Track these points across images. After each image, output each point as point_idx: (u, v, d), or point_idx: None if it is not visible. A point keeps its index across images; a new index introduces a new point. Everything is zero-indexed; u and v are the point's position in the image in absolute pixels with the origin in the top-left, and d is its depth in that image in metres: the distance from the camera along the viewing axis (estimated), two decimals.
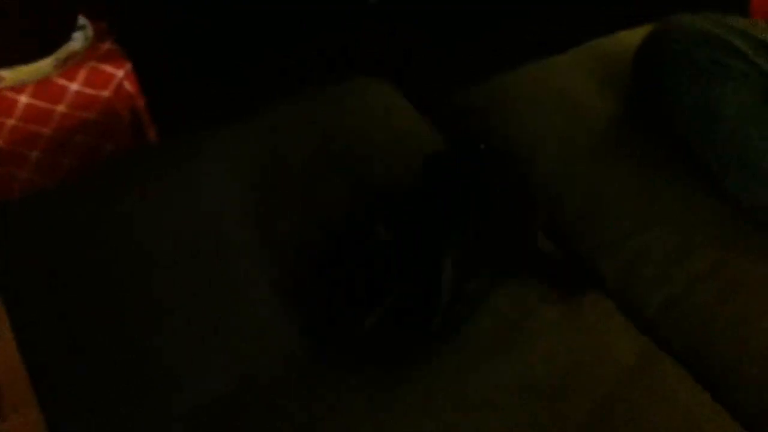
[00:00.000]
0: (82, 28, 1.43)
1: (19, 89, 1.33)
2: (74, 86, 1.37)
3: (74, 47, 1.40)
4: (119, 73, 1.40)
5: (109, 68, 1.40)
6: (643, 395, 0.92)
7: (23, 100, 1.33)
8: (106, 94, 1.40)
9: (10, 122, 1.33)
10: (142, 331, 0.96)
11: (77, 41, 1.41)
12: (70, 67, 1.37)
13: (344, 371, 0.91)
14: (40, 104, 1.35)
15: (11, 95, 1.32)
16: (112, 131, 1.45)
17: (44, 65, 1.36)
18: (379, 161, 1.19)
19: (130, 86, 1.41)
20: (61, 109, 1.37)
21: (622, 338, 0.99)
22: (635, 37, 1.30)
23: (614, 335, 0.99)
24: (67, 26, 1.41)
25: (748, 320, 0.99)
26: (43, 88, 1.34)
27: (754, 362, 0.96)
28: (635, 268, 1.06)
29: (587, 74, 1.32)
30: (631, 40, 1.32)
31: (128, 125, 1.46)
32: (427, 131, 1.28)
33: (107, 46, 1.43)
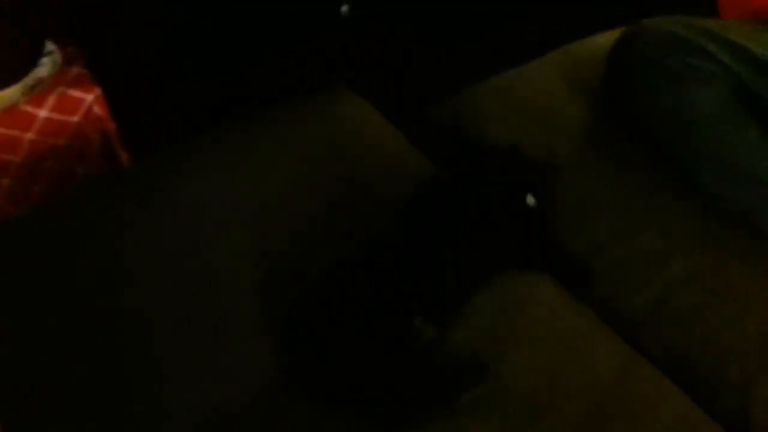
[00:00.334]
0: (49, 53, 1.41)
1: None
2: (43, 113, 1.35)
3: (42, 73, 1.38)
4: (89, 97, 1.38)
5: (78, 93, 1.38)
6: (625, 407, 0.91)
7: None
8: (75, 119, 1.38)
9: None
10: (114, 362, 0.93)
11: (45, 67, 1.39)
12: (38, 93, 1.35)
13: (319, 406, 0.89)
14: (8, 132, 1.32)
15: None
16: (83, 156, 1.43)
17: (11, 93, 1.34)
18: (357, 181, 1.16)
19: (100, 110, 1.39)
20: (30, 136, 1.35)
21: (603, 348, 0.98)
22: (606, 40, 1.29)
23: (596, 346, 0.98)
24: (34, 53, 1.39)
25: (729, 324, 0.98)
26: (11, 116, 1.32)
27: (735, 366, 0.95)
28: (615, 275, 1.06)
29: (559, 81, 1.31)
30: (602, 43, 1.31)
31: (99, 150, 1.44)
32: (402, 146, 1.27)
33: (76, 70, 1.41)
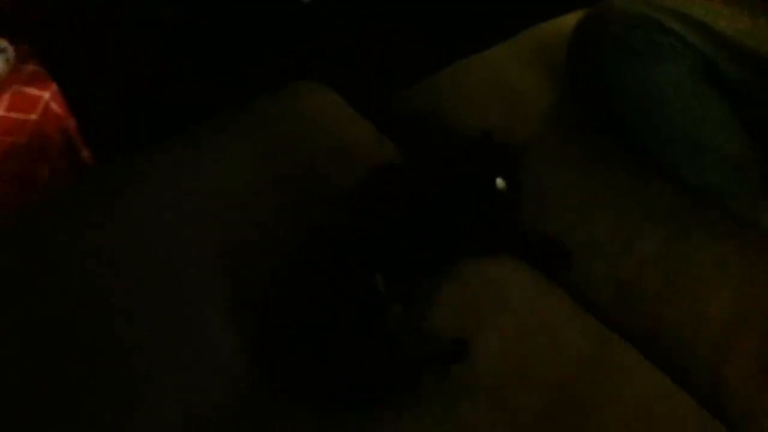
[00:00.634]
0: (2, 51, 1.37)
1: None
2: None
3: None
4: (45, 95, 1.35)
5: (34, 91, 1.35)
6: (598, 388, 0.90)
7: None
8: (33, 117, 1.34)
9: None
10: (89, 361, 0.90)
11: None
12: None
13: (293, 401, 0.88)
14: None
15: None
16: (44, 155, 1.39)
17: None
18: (325, 172, 1.14)
19: (57, 108, 1.36)
20: None
21: (576, 331, 0.97)
22: (572, 21, 1.28)
23: (568, 329, 0.97)
24: None
25: (698, 303, 0.99)
26: None
27: (707, 342, 0.95)
28: (583, 258, 1.05)
29: (525, 63, 1.30)
30: (570, 23, 1.30)
31: (60, 148, 1.41)
32: (371, 136, 1.25)
33: (30, 68, 1.38)
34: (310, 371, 0.89)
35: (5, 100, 1.32)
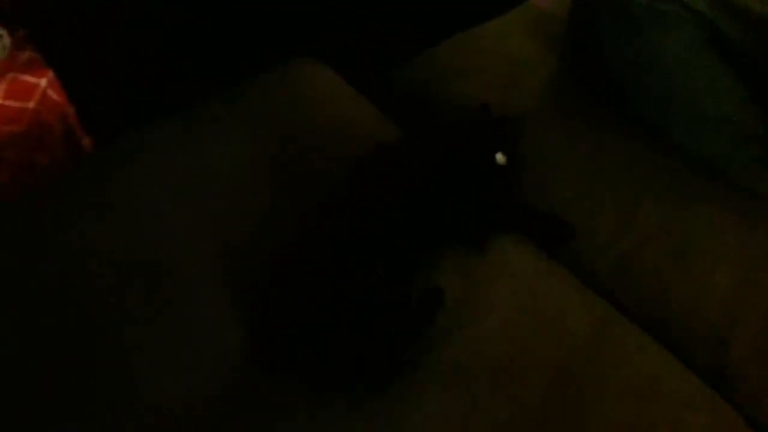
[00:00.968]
0: None
1: None
2: None
3: None
4: (42, 82, 1.33)
5: (31, 78, 1.33)
6: (599, 366, 0.89)
7: None
8: (31, 105, 1.33)
9: None
10: (87, 349, 0.91)
11: None
12: None
13: (291, 384, 0.87)
14: None
15: None
16: (43, 144, 1.38)
17: None
18: (322, 150, 1.12)
19: (55, 95, 1.35)
20: None
21: (577, 308, 0.96)
22: None
23: (569, 306, 0.96)
24: None
25: (701, 276, 0.97)
26: None
27: (709, 317, 0.94)
28: (584, 232, 1.03)
29: (525, 35, 1.27)
30: None
31: (60, 136, 1.40)
32: (370, 114, 1.23)
33: (27, 54, 1.37)
34: (307, 354, 0.88)
35: (2, 88, 1.31)
